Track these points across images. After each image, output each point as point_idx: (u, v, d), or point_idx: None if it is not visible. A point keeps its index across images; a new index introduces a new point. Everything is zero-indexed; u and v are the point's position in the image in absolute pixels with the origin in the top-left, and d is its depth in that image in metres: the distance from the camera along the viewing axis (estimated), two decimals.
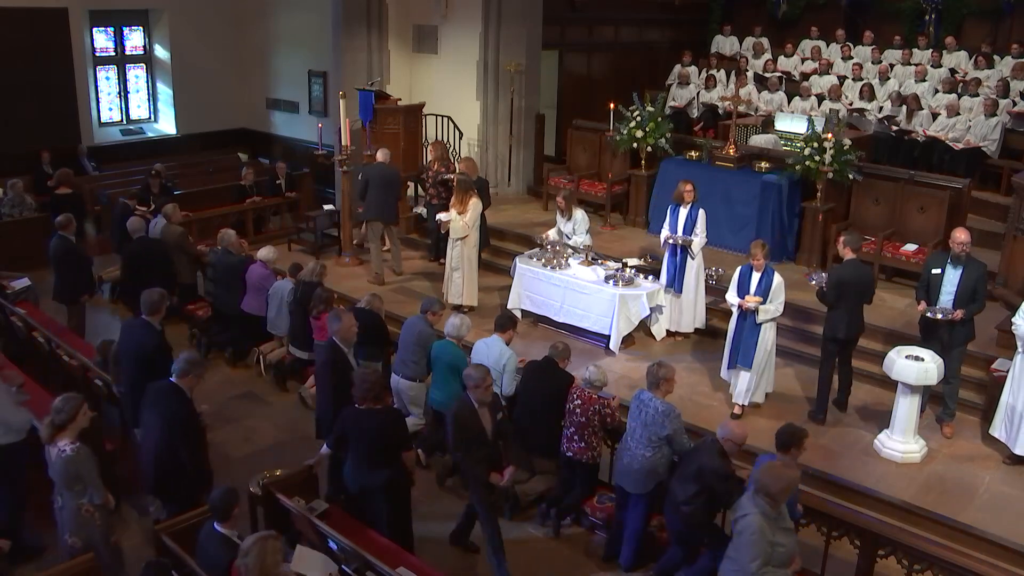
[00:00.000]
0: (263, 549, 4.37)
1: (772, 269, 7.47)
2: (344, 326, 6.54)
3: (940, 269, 7.28)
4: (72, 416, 5.29)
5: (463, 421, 5.83)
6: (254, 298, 9.04)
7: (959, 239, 7.18)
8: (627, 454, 5.99)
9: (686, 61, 14.89)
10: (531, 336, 9.19)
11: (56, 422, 5.28)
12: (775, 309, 7.45)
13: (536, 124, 13.30)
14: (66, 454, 5.21)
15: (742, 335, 7.53)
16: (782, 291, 7.45)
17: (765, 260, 7.42)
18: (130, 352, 6.59)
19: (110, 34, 15.23)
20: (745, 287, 7.48)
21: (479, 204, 9.54)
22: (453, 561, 6.23)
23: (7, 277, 9.70)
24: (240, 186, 12.57)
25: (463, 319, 7.31)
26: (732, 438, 5.51)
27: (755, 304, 7.35)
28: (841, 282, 7.36)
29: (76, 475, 5.26)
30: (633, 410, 6.01)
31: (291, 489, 5.82)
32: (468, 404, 5.86)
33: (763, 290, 7.38)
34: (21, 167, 12.85)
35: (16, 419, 5.88)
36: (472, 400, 5.85)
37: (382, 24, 12.96)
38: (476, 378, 5.84)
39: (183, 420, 5.81)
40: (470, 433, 5.83)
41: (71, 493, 5.31)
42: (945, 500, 6.56)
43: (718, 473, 5.44)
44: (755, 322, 7.43)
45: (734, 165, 10.71)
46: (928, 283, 7.37)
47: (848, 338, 7.52)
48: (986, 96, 12.13)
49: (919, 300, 7.40)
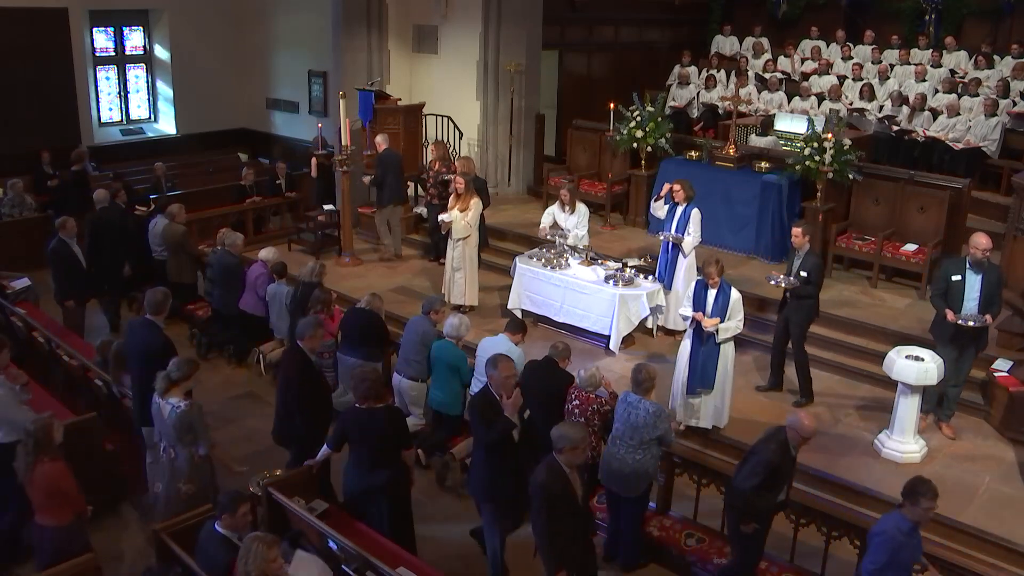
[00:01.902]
0: (261, 551, 4.37)
1: (728, 285, 7.12)
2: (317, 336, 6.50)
3: (960, 276, 7.06)
4: (186, 375, 5.85)
5: (554, 491, 4.95)
6: (251, 297, 9.05)
7: (983, 245, 6.97)
8: (616, 458, 5.90)
9: (686, 61, 14.89)
10: (531, 336, 9.14)
11: (172, 377, 5.81)
12: (735, 326, 7.08)
13: (536, 124, 13.30)
14: (180, 409, 5.75)
15: (699, 357, 7.12)
16: (740, 307, 7.13)
17: (719, 277, 7.08)
18: (136, 352, 6.59)
19: (110, 34, 15.23)
20: (701, 305, 7.10)
21: (480, 203, 9.55)
22: (453, 561, 6.22)
23: (7, 277, 9.70)
24: (240, 186, 12.57)
25: (462, 319, 7.32)
26: (799, 429, 5.33)
27: (713, 326, 6.98)
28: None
29: (188, 427, 5.77)
30: (620, 413, 5.97)
31: (291, 489, 5.82)
32: (558, 470, 4.99)
33: (720, 308, 7.01)
34: (21, 167, 12.84)
35: (19, 418, 5.89)
36: (562, 464, 5.01)
37: (382, 24, 12.96)
38: (574, 439, 4.97)
39: None
40: (562, 506, 4.99)
41: (183, 444, 5.81)
42: (945, 500, 6.50)
43: (765, 459, 5.30)
44: (715, 342, 7.06)
45: (734, 165, 10.71)
46: (947, 291, 7.11)
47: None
48: (986, 96, 12.13)
49: (942, 309, 7.10)
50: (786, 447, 5.35)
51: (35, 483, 5.25)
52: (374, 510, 5.71)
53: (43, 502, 5.29)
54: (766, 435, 5.49)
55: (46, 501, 5.28)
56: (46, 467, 5.20)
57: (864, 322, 8.72)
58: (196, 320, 9.76)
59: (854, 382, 8.32)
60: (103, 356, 7.37)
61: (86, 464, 6.29)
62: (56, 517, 5.29)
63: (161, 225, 9.97)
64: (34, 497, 5.31)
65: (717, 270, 7.08)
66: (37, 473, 5.21)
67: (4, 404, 5.86)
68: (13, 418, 5.87)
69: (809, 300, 7.64)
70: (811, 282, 7.57)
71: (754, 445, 5.55)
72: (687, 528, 6.31)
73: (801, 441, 5.39)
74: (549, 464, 5.02)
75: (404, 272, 11.03)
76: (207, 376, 8.56)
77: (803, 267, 7.59)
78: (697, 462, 6.37)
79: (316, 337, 6.40)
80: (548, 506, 4.96)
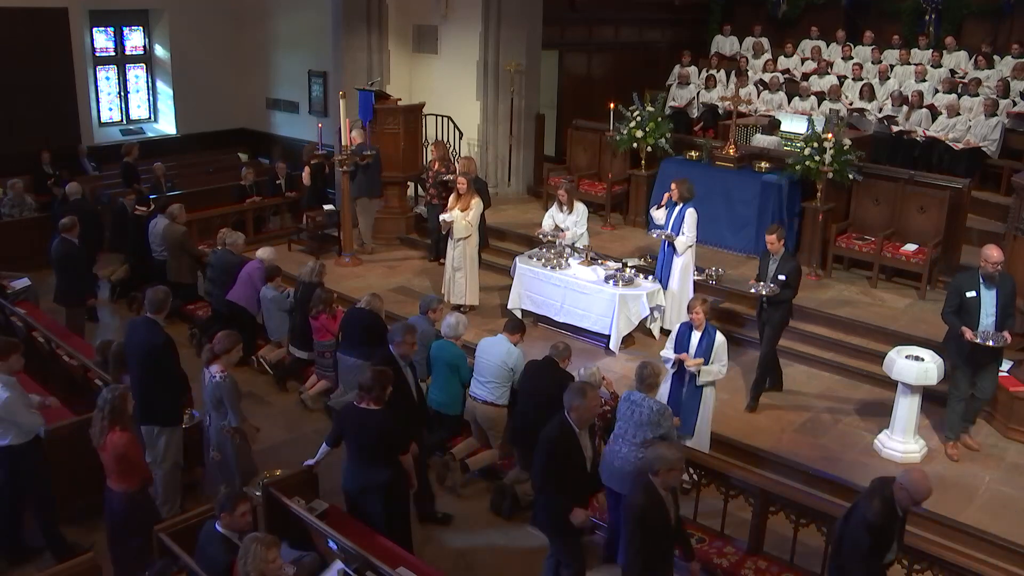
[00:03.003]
0: (260, 552, 4.37)
1: (714, 328, 6.84)
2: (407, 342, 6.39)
3: (975, 292, 6.77)
4: (227, 349, 6.19)
5: (650, 515, 4.79)
6: (244, 290, 8.90)
7: (993, 258, 6.70)
8: (618, 457, 5.86)
9: (686, 61, 14.89)
10: (531, 336, 9.15)
11: (216, 350, 6.20)
12: (718, 371, 6.76)
13: (536, 124, 13.31)
14: (216, 379, 6.13)
15: (680, 400, 6.77)
16: (725, 351, 6.80)
17: (705, 317, 6.80)
18: (137, 351, 6.58)
19: (110, 34, 15.23)
20: (684, 346, 6.78)
21: (480, 203, 9.55)
22: (453, 561, 6.22)
23: (7, 277, 9.70)
24: (240, 186, 12.58)
25: (459, 318, 7.32)
26: (911, 490, 4.60)
27: (696, 367, 6.67)
28: None
29: (219, 399, 6.12)
30: (624, 411, 5.94)
31: (291, 489, 5.82)
32: (654, 492, 4.81)
33: (704, 351, 6.69)
34: (21, 167, 12.84)
35: (28, 421, 5.92)
36: (657, 487, 4.83)
37: (382, 24, 12.96)
38: (670, 460, 4.80)
39: None
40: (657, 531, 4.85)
41: (217, 414, 6.20)
42: (945, 500, 6.55)
43: (866, 521, 4.59)
44: (696, 385, 6.76)
45: (734, 165, 10.71)
46: (961, 307, 6.82)
47: None
48: (986, 96, 12.13)
49: (958, 327, 6.78)
50: (892, 507, 4.65)
51: (107, 450, 5.48)
52: (370, 509, 5.70)
53: (113, 468, 5.53)
54: (871, 489, 4.75)
55: (116, 468, 5.51)
56: (117, 436, 5.43)
57: (864, 322, 8.73)
58: (196, 320, 9.75)
59: (854, 382, 8.32)
60: (103, 356, 7.36)
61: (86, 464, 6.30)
62: (126, 483, 5.55)
63: (161, 225, 9.97)
64: (106, 463, 5.54)
65: (703, 311, 6.77)
66: (109, 441, 5.43)
67: (14, 407, 5.87)
68: (22, 421, 5.88)
69: (785, 304, 7.62)
70: (789, 286, 7.55)
71: (858, 499, 4.83)
72: (687, 528, 6.28)
73: (911, 503, 4.67)
74: (645, 487, 4.82)
75: (404, 272, 11.03)
76: None
77: (781, 271, 7.52)
78: (697, 462, 6.36)
79: (407, 343, 6.33)
80: (643, 531, 4.79)
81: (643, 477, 4.90)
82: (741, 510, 6.16)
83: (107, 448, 5.46)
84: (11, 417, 5.83)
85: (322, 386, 8.34)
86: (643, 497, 4.80)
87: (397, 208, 12.03)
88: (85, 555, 5.16)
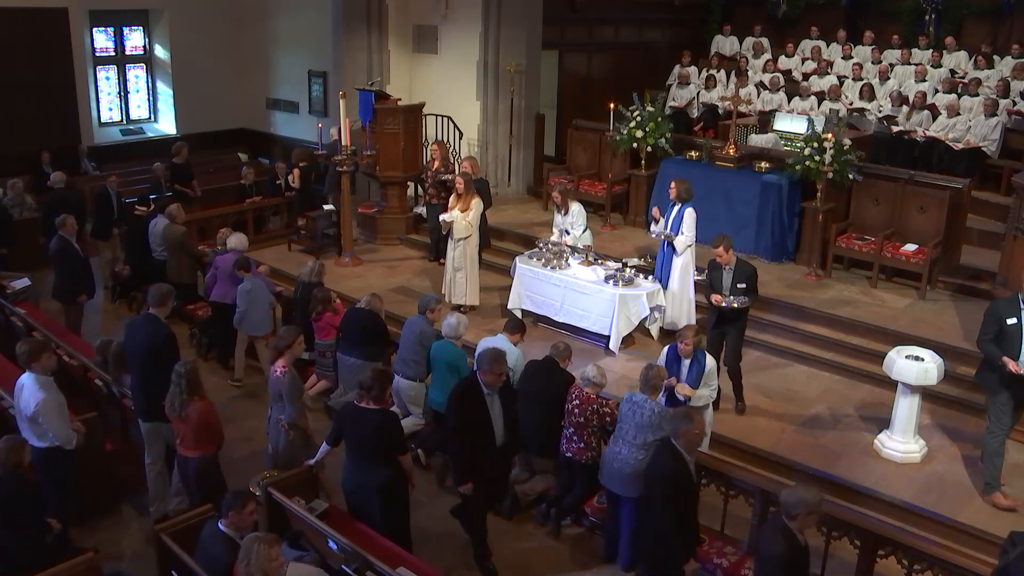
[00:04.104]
0: (263, 551, 4.37)
1: (703, 354, 6.62)
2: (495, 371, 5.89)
3: (1016, 318, 6.29)
4: (289, 343, 6.32)
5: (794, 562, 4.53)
6: (224, 287, 8.81)
7: None
8: (618, 458, 5.87)
9: (686, 61, 14.88)
10: (531, 336, 9.15)
11: (278, 347, 6.36)
12: (709, 395, 6.69)
13: (536, 124, 13.31)
14: (276, 375, 6.26)
15: None
16: (715, 375, 6.73)
17: (695, 346, 6.59)
18: (138, 347, 6.58)
19: (110, 34, 15.23)
20: (673, 370, 6.63)
21: (481, 204, 9.55)
22: (453, 561, 6.22)
23: (7, 277, 9.70)
24: (240, 186, 12.58)
25: (460, 318, 7.31)
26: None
27: (687, 395, 6.54)
28: None
29: (279, 394, 6.24)
30: (625, 412, 5.94)
31: (291, 489, 5.82)
32: (793, 537, 4.53)
33: (694, 378, 6.57)
34: (21, 167, 12.84)
35: (60, 431, 5.99)
36: (795, 531, 4.54)
37: (382, 24, 12.96)
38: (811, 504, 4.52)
39: None
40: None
41: (277, 407, 6.32)
42: (945, 500, 6.56)
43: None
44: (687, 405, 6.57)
45: (734, 165, 10.71)
46: (1001, 334, 6.35)
47: None
48: (986, 96, 12.13)
49: (998, 357, 6.31)
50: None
51: (189, 418, 5.87)
52: (369, 509, 5.70)
53: (192, 435, 5.92)
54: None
55: (195, 434, 5.91)
56: (198, 404, 5.87)
57: (864, 322, 8.73)
58: (196, 320, 9.74)
59: (854, 382, 8.33)
60: (103, 356, 7.36)
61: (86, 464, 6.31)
62: (203, 448, 5.97)
63: (161, 225, 9.97)
64: (186, 431, 5.91)
65: (693, 339, 6.55)
66: (191, 409, 5.85)
67: (49, 409, 5.89)
68: (57, 426, 5.92)
69: (747, 310, 7.59)
70: (753, 291, 7.55)
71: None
72: None
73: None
74: (784, 533, 4.47)
75: (404, 272, 11.03)
76: (207, 376, 8.50)
77: (739, 280, 7.46)
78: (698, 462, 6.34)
79: (494, 372, 5.86)
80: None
81: (778, 522, 4.54)
82: (741, 510, 6.15)
83: (189, 417, 5.85)
84: (46, 420, 5.87)
85: (322, 386, 8.34)
86: (785, 546, 4.44)
87: (397, 208, 12.04)
88: (85, 555, 5.15)
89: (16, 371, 7.13)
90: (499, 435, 6.01)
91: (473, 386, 5.91)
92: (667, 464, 5.17)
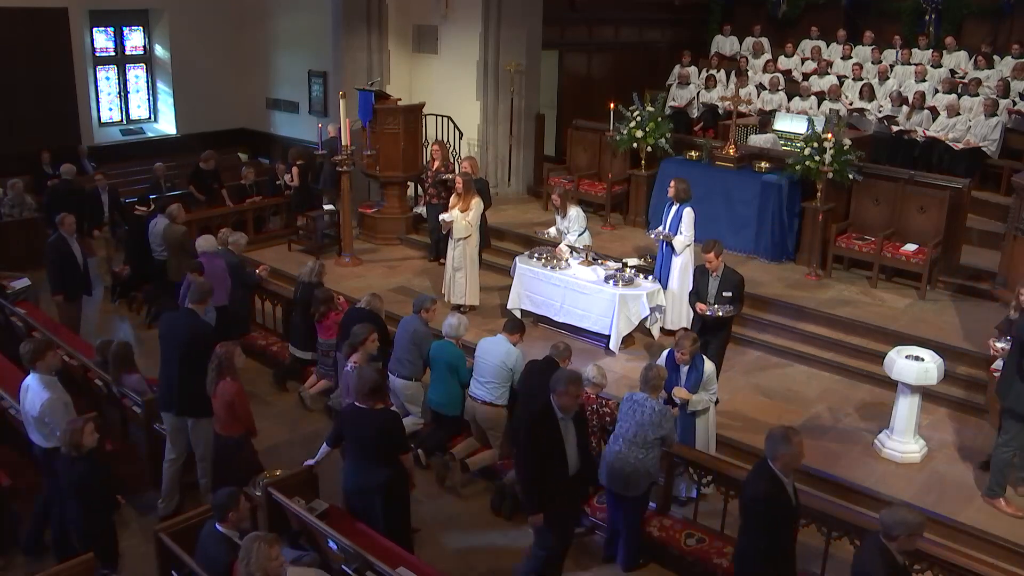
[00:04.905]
0: (263, 550, 4.37)
1: (701, 359, 6.55)
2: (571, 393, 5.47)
3: None
4: (362, 340, 6.69)
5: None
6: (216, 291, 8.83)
7: None
8: (617, 458, 5.86)
9: (686, 61, 14.89)
10: (531, 336, 9.16)
11: (352, 343, 6.72)
12: (708, 398, 6.63)
13: (536, 124, 13.31)
14: (347, 369, 6.64)
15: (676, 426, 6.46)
16: (714, 380, 6.66)
17: (691, 355, 6.46)
18: (178, 341, 6.55)
19: (110, 34, 15.21)
20: (672, 375, 6.52)
21: (481, 203, 9.56)
22: (453, 561, 6.22)
23: (7, 277, 9.70)
24: (240, 186, 12.58)
25: (460, 319, 7.31)
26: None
27: (684, 399, 6.49)
28: None
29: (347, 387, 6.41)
30: (625, 411, 5.94)
31: (291, 489, 5.82)
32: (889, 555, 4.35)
33: (693, 384, 6.49)
34: (21, 167, 12.83)
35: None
36: (893, 552, 4.36)
37: (382, 24, 12.96)
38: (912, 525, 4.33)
39: None
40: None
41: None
42: (945, 500, 6.56)
43: None
44: (687, 412, 6.58)
45: (734, 165, 10.71)
46: None
47: None
48: (986, 96, 12.13)
49: None
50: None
51: (217, 397, 6.13)
52: (370, 509, 5.70)
53: (220, 414, 6.18)
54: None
55: (223, 413, 6.16)
56: (227, 385, 6.08)
57: (864, 322, 8.73)
58: None
59: (854, 382, 8.33)
60: (103, 356, 7.36)
61: None
62: (228, 429, 6.20)
63: (161, 225, 9.96)
64: (216, 409, 6.20)
65: (690, 346, 6.43)
66: (220, 388, 6.09)
67: (60, 410, 5.88)
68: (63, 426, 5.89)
69: (731, 320, 7.57)
70: (738, 300, 7.53)
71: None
72: (687, 528, 6.30)
73: None
74: (882, 553, 4.33)
75: (404, 272, 11.04)
76: None
77: (725, 288, 7.43)
78: (698, 461, 6.36)
79: (570, 394, 5.38)
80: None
81: (876, 541, 4.40)
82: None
83: (217, 395, 6.09)
84: (53, 421, 5.85)
85: (322, 386, 8.33)
86: (881, 566, 4.31)
87: (397, 208, 12.04)
88: (85, 555, 5.15)
89: (16, 371, 7.18)
90: (572, 464, 5.56)
91: (548, 411, 5.44)
92: (759, 486, 4.85)
